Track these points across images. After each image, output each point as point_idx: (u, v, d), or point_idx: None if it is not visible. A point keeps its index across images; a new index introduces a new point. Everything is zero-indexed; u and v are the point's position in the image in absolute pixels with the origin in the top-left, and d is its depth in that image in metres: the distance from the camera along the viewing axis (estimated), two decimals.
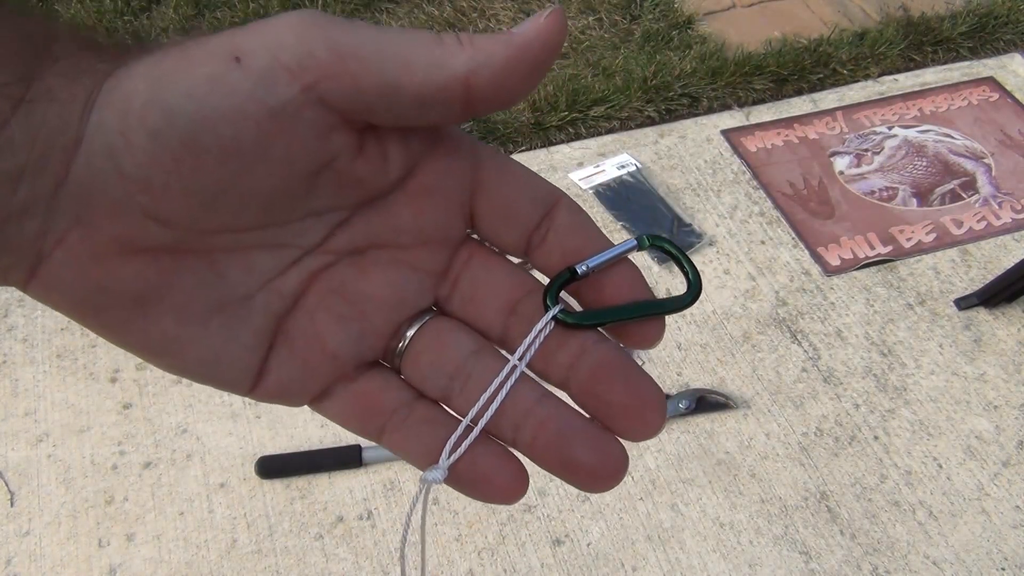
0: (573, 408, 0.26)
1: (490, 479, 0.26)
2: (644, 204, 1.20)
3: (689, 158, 1.29)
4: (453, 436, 0.26)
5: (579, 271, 0.26)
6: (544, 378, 0.27)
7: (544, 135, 1.41)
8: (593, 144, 1.31)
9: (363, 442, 0.95)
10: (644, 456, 0.95)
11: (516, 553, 0.88)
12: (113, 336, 0.25)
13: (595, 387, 0.26)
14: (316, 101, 0.22)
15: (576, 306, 0.27)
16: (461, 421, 0.26)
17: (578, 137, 1.39)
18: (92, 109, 0.22)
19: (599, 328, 0.27)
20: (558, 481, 1.04)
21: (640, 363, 1.12)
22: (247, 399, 1.04)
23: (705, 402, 0.98)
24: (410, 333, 0.27)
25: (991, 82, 1.43)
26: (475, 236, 0.28)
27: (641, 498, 0.92)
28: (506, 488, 0.26)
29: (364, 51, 0.22)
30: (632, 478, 0.93)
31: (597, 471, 0.25)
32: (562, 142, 1.36)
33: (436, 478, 0.26)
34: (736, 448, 0.96)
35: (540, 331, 0.26)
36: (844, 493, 0.93)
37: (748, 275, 1.14)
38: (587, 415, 0.26)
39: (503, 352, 0.27)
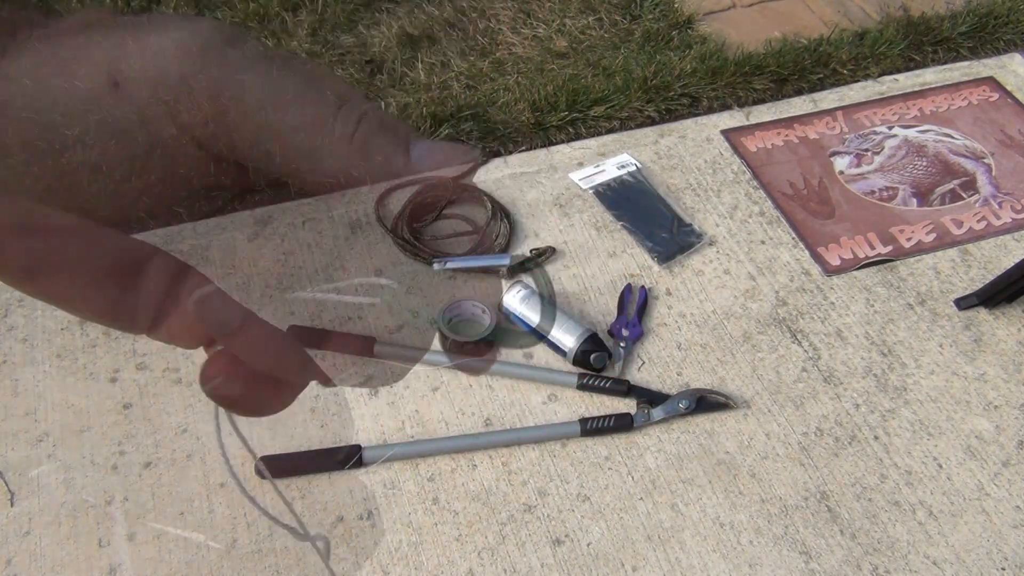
0: None
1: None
2: (644, 204, 1.20)
3: (689, 158, 1.29)
4: None
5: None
6: None
7: (544, 135, 1.42)
8: (593, 144, 1.31)
9: (363, 442, 0.95)
10: (644, 456, 0.95)
11: (516, 553, 0.88)
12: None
13: None
14: (190, 141, 0.23)
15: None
16: None
17: (578, 137, 1.39)
18: None
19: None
20: (558, 481, 1.03)
21: (641, 363, 1.11)
22: None
23: (705, 402, 0.98)
24: None
25: (991, 82, 1.43)
26: None
27: (641, 498, 0.92)
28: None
29: (247, 111, 0.23)
30: (632, 478, 0.93)
31: None
32: (562, 142, 1.36)
33: None
34: (736, 448, 0.96)
35: None
36: (844, 493, 0.93)
37: (748, 275, 1.14)
38: None
39: None
